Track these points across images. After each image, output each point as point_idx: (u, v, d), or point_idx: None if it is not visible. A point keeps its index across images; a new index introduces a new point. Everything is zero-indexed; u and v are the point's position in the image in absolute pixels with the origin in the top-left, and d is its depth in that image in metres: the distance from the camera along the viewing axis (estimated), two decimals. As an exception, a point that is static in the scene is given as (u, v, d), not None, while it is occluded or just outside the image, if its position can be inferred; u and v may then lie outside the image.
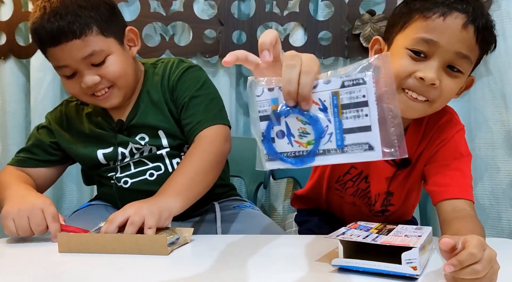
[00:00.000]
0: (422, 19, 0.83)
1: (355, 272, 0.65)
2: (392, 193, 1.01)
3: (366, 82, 0.51)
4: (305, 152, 0.54)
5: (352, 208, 1.07)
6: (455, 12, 0.81)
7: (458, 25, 0.81)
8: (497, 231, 1.43)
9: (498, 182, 1.43)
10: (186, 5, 1.52)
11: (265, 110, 0.55)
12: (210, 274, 0.68)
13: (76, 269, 0.72)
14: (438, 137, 0.94)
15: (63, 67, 0.95)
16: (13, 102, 1.59)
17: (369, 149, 0.51)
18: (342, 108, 0.52)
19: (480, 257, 0.58)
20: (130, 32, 1.03)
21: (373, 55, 0.91)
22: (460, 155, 0.93)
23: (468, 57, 0.83)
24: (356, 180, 1.01)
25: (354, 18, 1.47)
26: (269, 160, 0.55)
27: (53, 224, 0.85)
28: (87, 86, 0.95)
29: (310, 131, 0.54)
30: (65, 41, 0.91)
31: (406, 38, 0.85)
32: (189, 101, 1.02)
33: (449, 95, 0.87)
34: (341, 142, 0.52)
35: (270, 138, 0.54)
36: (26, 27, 1.58)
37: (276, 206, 1.56)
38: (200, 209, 1.09)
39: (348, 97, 0.52)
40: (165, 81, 1.04)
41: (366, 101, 0.51)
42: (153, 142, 1.03)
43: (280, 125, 0.54)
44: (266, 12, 1.50)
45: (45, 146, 1.08)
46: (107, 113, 1.06)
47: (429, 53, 0.82)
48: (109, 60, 0.95)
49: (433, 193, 0.91)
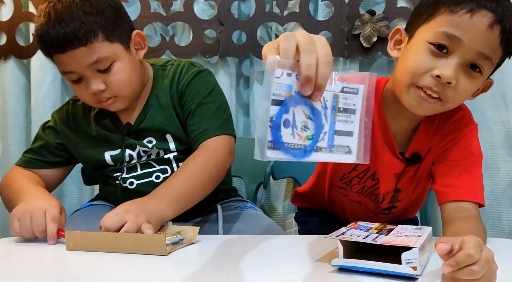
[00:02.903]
0: (448, 13, 0.80)
1: (355, 272, 0.65)
2: (400, 190, 1.00)
3: (358, 93, 0.57)
4: (302, 146, 0.54)
5: (357, 207, 1.05)
6: (483, 10, 0.78)
7: (485, 24, 0.78)
8: (497, 231, 1.43)
9: (498, 182, 1.43)
10: (186, 5, 1.52)
11: (280, 94, 0.52)
12: (210, 274, 0.68)
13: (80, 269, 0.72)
14: (449, 134, 0.92)
15: (69, 73, 0.95)
16: (14, 102, 1.59)
17: (349, 152, 0.58)
18: (338, 111, 0.56)
19: (477, 258, 0.58)
20: (137, 36, 1.01)
21: (392, 45, 0.91)
22: (470, 155, 0.91)
23: (490, 58, 0.80)
24: (363, 176, 1.00)
25: (354, 18, 1.47)
26: (272, 148, 0.52)
27: (50, 224, 0.84)
28: (92, 92, 0.95)
29: (310, 127, 0.54)
30: (71, 48, 0.90)
31: (428, 31, 0.82)
32: (196, 108, 1.01)
33: (463, 96, 0.85)
34: (331, 142, 0.56)
35: (278, 125, 0.52)
36: (26, 27, 1.58)
37: (276, 206, 1.56)
38: (203, 211, 1.09)
39: (344, 102, 0.57)
40: (174, 85, 1.04)
41: (355, 109, 0.57)
42: (160, 145, 1.03)
43: (288, 113, 0.53)
44: (266, 12, 1.50)
45: (52, 147, 1.08)
46: (115, 116, 1.05)
47: (450, 49, 0.80)
48: (115, 67, 0.95)
49: (439, 193, 0.90)
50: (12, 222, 0.85)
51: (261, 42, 1.52)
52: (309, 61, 0.51)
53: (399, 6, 1.46)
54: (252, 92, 1.55)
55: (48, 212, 0.85)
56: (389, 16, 1.45)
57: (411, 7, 1.45)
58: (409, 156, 0.95)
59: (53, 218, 0.84)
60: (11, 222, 0.85)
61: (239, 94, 1.60)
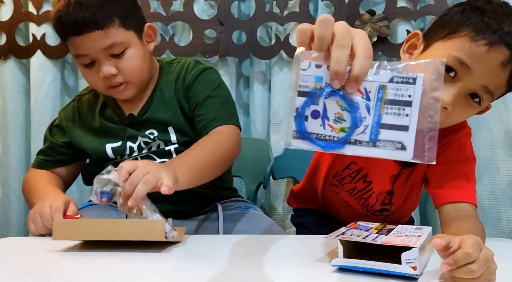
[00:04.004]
0: (468, 39, 0.77)
1: (355, 272, 0.66)
2: (393, 192, 1.00)
3: (416, 83, 0.51)
4: (335, 137, 0.52)
5: (347, 208, 1.06)
6: (503, 46, 0.76)
7: (499, 60, 0.76)
8: (497, 231, 1.43)
9: (497, 182, 1.43)
10: (186, 5, 1.52)
11: (306, 86, 0.52)
12: (210, 274, 0.68)
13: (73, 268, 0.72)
14: (443, 137, 0.92)
15: (82, 56, 0.98)
16: (13, 102, 1.59)
17: (401, 149, 0.52)
18: (385, 103, 0.52)
19: (476, 257, 0.58)
20: (149, 28, 1.06)
21: (406, 47, 0.89)
22: (465, 158, 0.92)
23: (492, 94, 0.80)
24: (355, 176, 1.00)
25: (354, 18, 1.47)
26: (297, 137, 0.52)
27: (54, 215, 0.86)
28: (104, 76, 0.98)
29: (346, 118, 0.52)
30: (88, 31, 0.94)
31: (444, 50, 0.80)
32: (204, 100, 1.04)
33: (455, 121, 0.85)
34: (375, 136, 0.52)
35: (304, 115, 0.52)
36: (26, 27, 1.58)
37: (276, 206, 1.56)
38: (204, 209, 1.10)
39: (394, 93, 0.52)
40: (181, 79, 1.07)
41: (410, 101, 0.51)
42: (162, 137, 1.05)
43: (318, 105, 0.52)
44: (266, 12, 1.50)
45: (58, 147, 1.11)
46: (118, 107, 1.08)
47: (458, 75, 0.78)
48: (127, 53, 0.99)
49: (435, 196, 0.90)
50: (28, 224, 0.90)
51: (261, 42, 1.52)
52: (340, 56, 0.50)
53: (399, 6, 1.46)
54: (252, 92, 1.55)
55: (52, 206, 0.88)
56: (389, 16, 1.45)
57: (411, 7, 1.45)
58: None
59: (56, 209, 0.87)
60: (28, 224, 0.90)
61: (239, 94, 1.60)
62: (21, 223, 1.62)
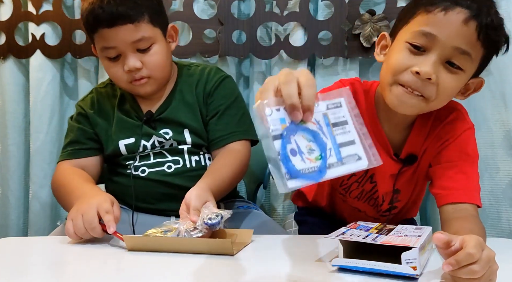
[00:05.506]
0: (424, 13, 0.83)
1: (355, 272, 0.66)
2: (399, 191, 1.00)
3: (342, 105, 0.62)
4: (316, 167, 0.57)
5: (356, 213, 1.06)
6: (458, 7, 0.80)
7: (459, 19, 0.80)
8: (497, 231, 1.43)
9: (497, 182, 1.42)
10: (186, 5, 1.52)
11: (277, 129, 0.57)
12: (209, 273, 0.68)
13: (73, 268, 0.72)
14: (444, 135, 0.92)
15: (110, 49, 1.01)
16: (13, 102, 1.58)
17: (359, 159, 0.61)
18: (332, 126, 0.61)
19: (478, 257, 0.58)
20: (172, 29, 1.10)
21: (379, 50, 0.94)
22: (466, 155, 0.91)
23: (468, 53, 0.81)
24: (361, 181, 1.00)
25: (354, 18, 1.47)
26: (290, 178, 0.56)
27: (105, 217, 0.84)
28: (129, 68, 1.00)
29: (315, 148, 0.58)
30: (120, 24, 0.97)
31: (407, 32, 0.85)
32: (224, 110, 1.08)
33: (447, 92, 0.85)
34: (339, 156, 0.60)
35: (286, 156, 0.56)
36: (25, 27, 1.58)
37: (276, 206, 1.56)
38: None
39: (334, 117, 0.61)
40: (202, 84, 1.10)
41: (346, 120, 0.62)
42: (176, 137, 1.07)
43: (291, 143, 0.57)
44: (266, 12, 1.50)
45: (89, 133, 1.10)
46: (136, 103, 1.10)
47: (427, 47, 0.82)
48: (153, 48, 1.03)
49: (437, 196, 0.90)
50: (66, 224, 0.86)
51: (261, 42, 1.52)
52: (288, 90, 0.57)
53: (399, 6, 1.46)
54: (252, 92, 1.55)
55: (100, 208, 0.85)
56: (389, 16, 1.45)
57: (411, 7, 1.45)
58: (404, 157, 0.95)
59: (106, 211, 0.85)
60: (66, 223, 0.86)
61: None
62: (20, 223, 1.61)
